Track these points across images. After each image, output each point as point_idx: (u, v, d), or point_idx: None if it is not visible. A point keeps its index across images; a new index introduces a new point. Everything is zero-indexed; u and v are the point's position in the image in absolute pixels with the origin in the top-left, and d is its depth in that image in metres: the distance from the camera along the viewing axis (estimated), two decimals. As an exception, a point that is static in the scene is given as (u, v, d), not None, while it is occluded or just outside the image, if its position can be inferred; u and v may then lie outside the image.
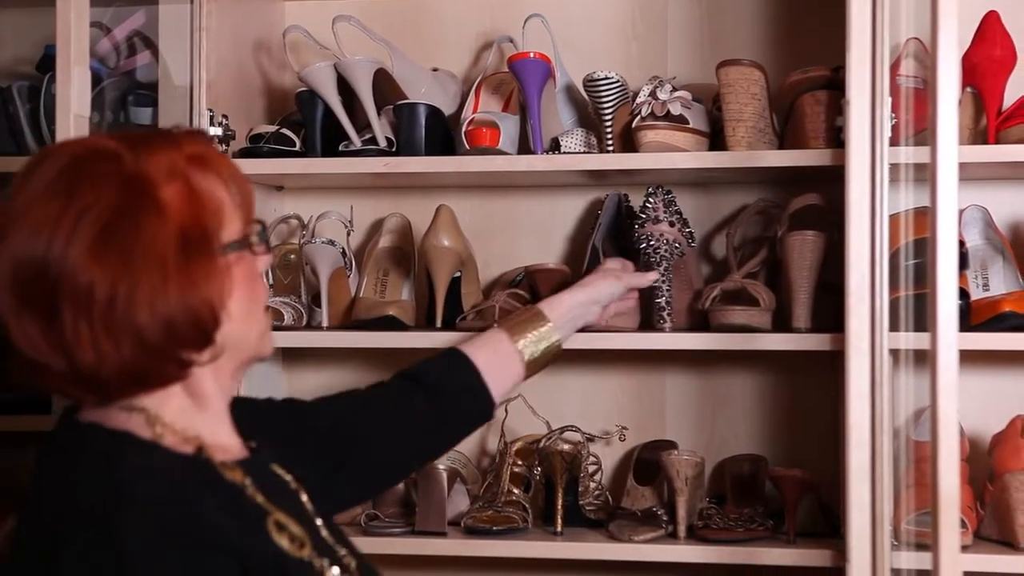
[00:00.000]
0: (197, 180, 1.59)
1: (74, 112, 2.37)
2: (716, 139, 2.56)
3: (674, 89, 2.51)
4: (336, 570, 1.63)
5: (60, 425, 1.65)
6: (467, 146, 2.57)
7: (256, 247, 1.66)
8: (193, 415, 1.64)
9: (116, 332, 1.52)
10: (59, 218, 1.51)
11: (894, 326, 2.30)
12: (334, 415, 2.02)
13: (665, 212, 2.50)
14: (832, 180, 2.43)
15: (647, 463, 2.65)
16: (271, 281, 2.76)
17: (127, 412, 1.60)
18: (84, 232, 1.51)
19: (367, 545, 2.35)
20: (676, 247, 2.47)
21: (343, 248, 2.70)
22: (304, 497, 1.72)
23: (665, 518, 2.51)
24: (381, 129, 2.61)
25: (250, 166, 2.60)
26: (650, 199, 2.52)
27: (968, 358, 2.09)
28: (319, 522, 1.71)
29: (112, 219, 1.52)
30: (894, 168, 2.31)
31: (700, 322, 2.53)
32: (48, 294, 1.51)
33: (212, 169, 1.62)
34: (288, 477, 1.73)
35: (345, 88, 2.60)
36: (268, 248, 1.69)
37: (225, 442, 1.68)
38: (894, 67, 2.38)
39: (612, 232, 2.66)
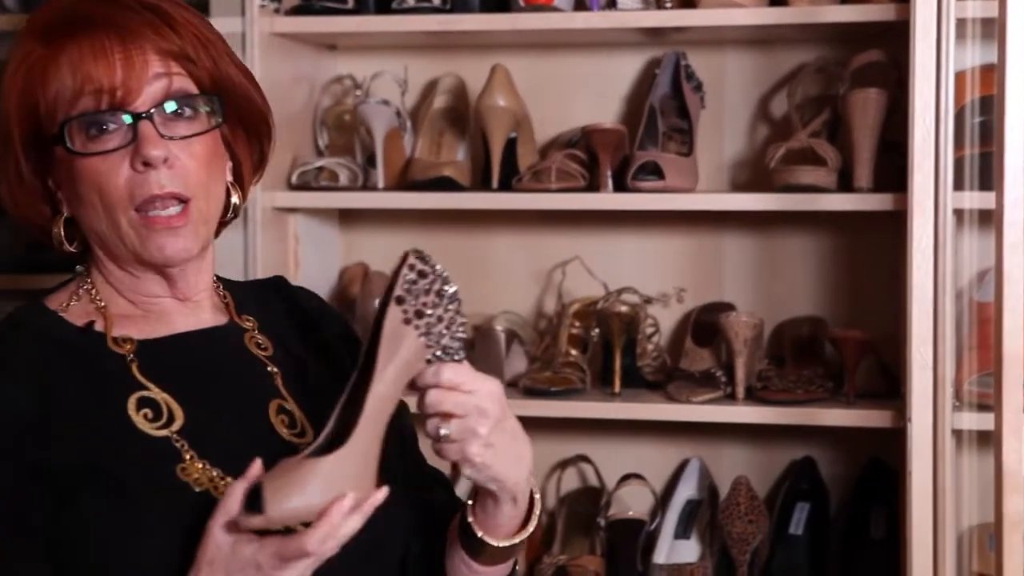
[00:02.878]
0: (31, 71, 1.54)
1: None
2: (777, -6, 2.52)
3: (734, -57, 2.46)
4: (193, 455, 1.51)
5: None
6: (522, 3, 2.53)
7: (71, 144, 1.53)
8: (128, 288, 1.60)
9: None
10: None
11: (958, 185, 2.27)
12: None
13: None
14: (895, 36, 2.39)
15: (705, 325, 2.63)
16: (326, 141, 2.75)
17: (73, 281, 1.62)
18: None
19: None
20: None
21: (398, 108, 2.68)
22: (279, 380, 1.61)
23: (724, 379, 2.51)
24: (435, -14, 2.57)
25: (302, 24, 2.59)
26: None
27: (1034, 217, 2.06)
28: (289, 405, 1.60)
29: None
30: (960, 23, 2.26)
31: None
32: None
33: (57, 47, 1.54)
34: (262, 355, 1.63)
35: (398, -56, 2.56)
36: (72, 148, 1.53)
37: (158, 320, 1.60)
38: (962, -83, 2.31)
39: (670, 92, 2.62)
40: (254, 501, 1.36)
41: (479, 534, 1.54)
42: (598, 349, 2.63)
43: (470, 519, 1.54)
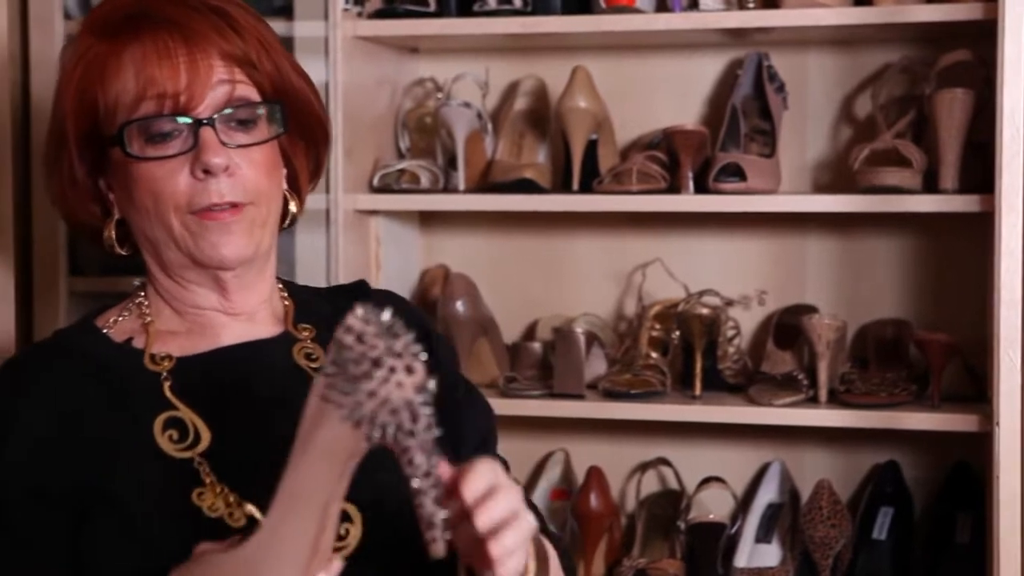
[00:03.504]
0: (89, 67, 1.52)
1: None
2: (861, -6, 2.49)
3: (818, -58, 2.44)
4: (212, 479, 1.46)
5: None
6: (603, 5, 2.53)
7: (129, 148, 1.50)
8: (176, 299, 1.57)
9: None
10: None
11: (1047, 185, 2.24)
12: None
13: None
14: (982, 35, 2.36)
15: (787, 327, 2.62)
16: (408, 143, 2.76)
17: (128, 296, 1.60)
18: None
19: (505, 407, 2.38)
20: None
21: (479, 111, 2.68)
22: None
23: (806, 382, 2.49)
24: (517, -12, 2.58)
25: (385, 27, 2.60)
26: None
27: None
28: None
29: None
30: (1050, 21, 2.23)
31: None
32: None
33: (117, 52, 1.51)
34: (309, 366, 1.57)
35: (479, -53, 2.57)
36: (128, 152, 1.50)
37: (202, 334, 1.57)
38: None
39: (752, 93, 2.61)
40: None
41: None
42: (678, 351, 2.62)
43: None
